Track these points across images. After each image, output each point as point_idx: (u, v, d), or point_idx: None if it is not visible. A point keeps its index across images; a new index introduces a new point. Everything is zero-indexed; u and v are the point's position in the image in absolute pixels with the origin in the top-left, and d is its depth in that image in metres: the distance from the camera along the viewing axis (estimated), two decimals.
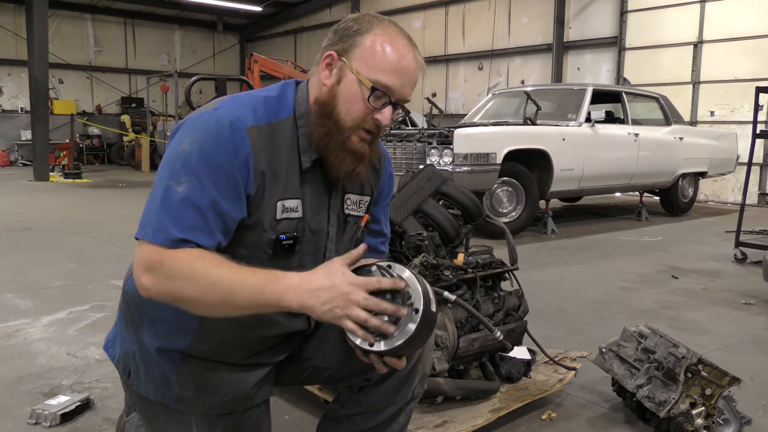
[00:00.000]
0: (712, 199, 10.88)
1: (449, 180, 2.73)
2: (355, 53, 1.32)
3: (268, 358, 1.45)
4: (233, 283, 1.18)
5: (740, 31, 10.36)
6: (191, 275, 1.18)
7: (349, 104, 1.32)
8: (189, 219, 1.21)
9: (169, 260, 1.19)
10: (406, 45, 1.34)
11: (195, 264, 1.19)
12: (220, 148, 1.24)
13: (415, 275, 1.27)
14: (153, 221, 1.21)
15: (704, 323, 3.60)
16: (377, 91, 1.31)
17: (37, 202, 8.78)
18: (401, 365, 1.28)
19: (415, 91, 1.40)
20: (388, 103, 1.33)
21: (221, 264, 1.20)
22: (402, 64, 1.32)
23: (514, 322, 2.44)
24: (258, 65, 11.64)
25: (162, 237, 1.20)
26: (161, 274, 1.19)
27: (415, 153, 6.36)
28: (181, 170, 1.23)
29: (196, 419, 1.36)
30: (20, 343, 3.06)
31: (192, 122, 1.30)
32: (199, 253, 1.21)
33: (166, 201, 1.21)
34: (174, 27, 20.34)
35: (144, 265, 1.20)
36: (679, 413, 2.04)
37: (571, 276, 4.77)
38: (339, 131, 1.33)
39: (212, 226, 1.23)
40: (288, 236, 1.35)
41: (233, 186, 1.25)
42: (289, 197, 1.35)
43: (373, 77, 1.30)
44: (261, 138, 1.30)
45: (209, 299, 1.19)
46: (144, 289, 1.21)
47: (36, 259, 4.97)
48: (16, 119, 17.17)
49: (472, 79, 14.65)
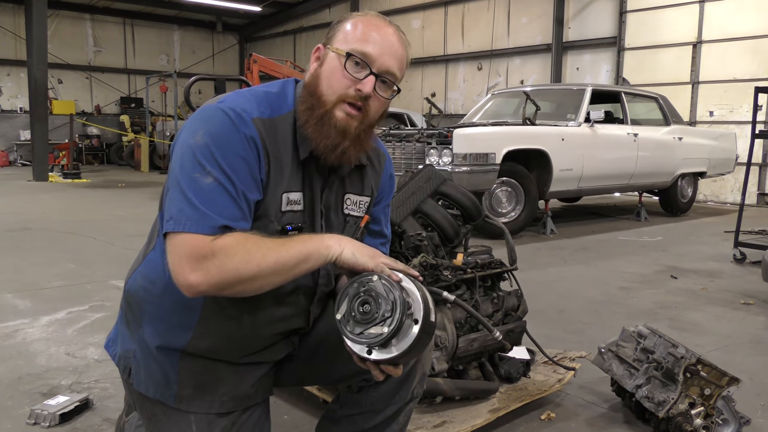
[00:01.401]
0: (711, 199, 10.89)
1: (448, 180, 2.73)
2: (336, 37, 1.36)
3: (267, 357, 1.45)
4: (279, 248, 1.23)
5: (739, 32, 10.37)
6: (245, 255, 1.20)
7: (330, 78, 1.34)
8: (226, 207, 1.23)
9: (221, 247, 1.19)
10: (385, 22, 1.38)
11: (244, 244, 1.21)
12: (234, 138, 1.26)
13: (416, 284, 1.26)
14: (191, 213, 1.21)
15: (703, 323, 3.60)
16: (353, 57, 1.32)
17: (36, 202, 8.77)
18: (397, 373, 1.28)
19: (414, 92, 1.41)
20: (369, 73, 1.33)
21: (258, 237, 1.24)
22: (379, 32, 1.35)
23: (513, 323, 2.44)
24: (257, 65, 11.61)
25: (206, 226, 1.20)
26: (215, 262, 1.18)
27: (415, 153, 6.36)
28: (203, 162, 1.24)
29: (195, 418, 1.36)
30: (19, 343, 3.05)
31: (199, 116, 1.31)
32: (239, 234, 1.23)
33: (199, 192, 1.22)
34: (173, 27, 20.33)
35: (192, 258, 1.19)
36: (678, 413, 2.05)
37: (571, 276, 4.77)
38: (321, 104, 1.34)
39: (245, 211, 1.26)
40: (294, 227, 1.37)
41: (251, 173, 1.28)
42: (293, 190, 1.36)
43: (349, 48, 1.33)
44: (265, 130, 1.31)
45: (265, 270, 1.21)
46: (192, 285, 1.19)
47: (35, 259, 4.97)
48: (15, 119, 17.15)
49: (472, 79, 14.65)
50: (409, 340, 1.21)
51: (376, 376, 1.28)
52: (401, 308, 1.21)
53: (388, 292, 1.23)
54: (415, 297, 1.24)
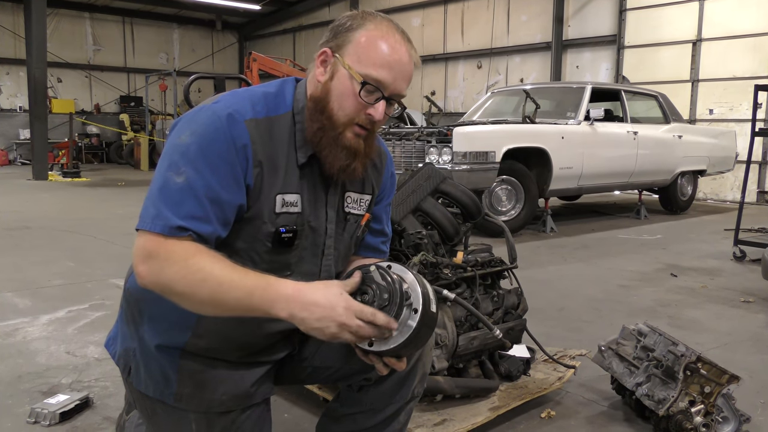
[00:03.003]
0: (711, 197, 10.89)
1: (448, 178, 2.73)
2: (347, 49, 1.32)
3: (267, 357, 1.45)
4: (224, 282, 1.18)
5: (739, 29, 10.36)
6: (183, 269, 1.18)
7: (342, 99, 1.32)
8: (187, 207, 1.21)
9: (166, 251, 1.19)
10: (398, 39, 1.34)
11: (190, 259, 1.19)
12: (219, 139, 1.25)
13: (415, 275, 1.26)
14: (151, 211, 1.22)
15: (703, 321, 3.60)
16: (368, 86, 1.31)
17: (35, 201, 8.77)
18: (401, 366, 1.28)
19: (414, 90, 1.41)
20: (381, 98, 1.33)
21: (215, 262, 1.20)
22: (393, 57, 1.32)
23: (514, 321, 2.44)
24: (257, 64, 11.61)
25: (160, 225, 1.20)
26: (156, 264, 1.20)
27: (414, 151, 6.36)
28: (179, 161, 1.24)
29: (195, 417, 1.36)
30: (19, 341, 3.05)
31: (190, 116, 1.31)
32: (197, 248, 1.21)
33: (165, 191, 1.22)
34: (173, 25, 20.31)
35: (141, 254, 1.21)
36: (678, 411, 2.05)
37: (570, 274, 4.77)
38: (332, 126, 1.33)
39: (210, 215, 1.24)
40: (287, 229, 1.35)
41: (232, 175, 1.26)
42: (289, 191, 1.35)
43: (364, 72, 1.30)
44: (259, 131, 1.30)
45: (198, 295, 1.20)
46: (140, 277, 1.22)
47: (35, 257, 4.97)
48: (14, 118, 17.14)
49: (471, 78, 14.65)
50: (409, 330, 1.21)
51: (380, 370, 1.28)
52: (399, 298, 1.21)
53: (386, 282, 1.23)
54: (414, 287, 1.24)
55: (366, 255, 1.59)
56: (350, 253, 1.55)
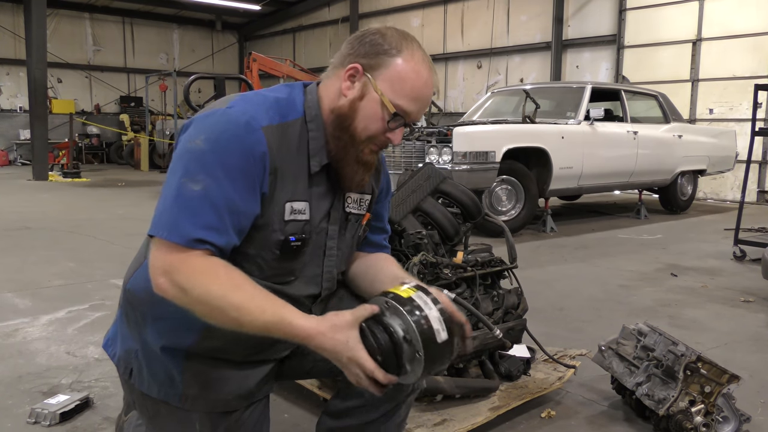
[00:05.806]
0: (711, 197, 10.89)
1: (448, 178, 2.73)
2: (381, 73, 1.32)
3: (272, 355, 1.45)
4: (242, 312, 1.18)
5: (739, 29, 10.35)
6: (204, 295, 1.18)
7: (368, 121, 1.33)
8: (205, 217, 1.20)
9: (186, 269, 1.18)
10: (428, 68, 1.35)
11: (211, 286, 1.18)
12: (236, 147, 1.23)
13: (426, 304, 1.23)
14: (168, 219, 1.20)
15: (703, 321, 3.60)
16: (398, 116, 1.33)
17: (36, 202, 8.77)
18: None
19: None
20: (402, 125, 1.36)
21: (236, 288, 1.19)
22: (423, 92, 1.35)
23: (514, 321, 2.44)
24: (257, 64, 11.60)
25: (178, 235, 1.19)
26: (176, 283, 1.19)
27: (414, 151, 6.36)
28: (196, 168, 1.22)
29: (199, 417, 1.36)
30: (19, 342, 3.06)
31: (204, 120, 1.28)
32: (216, 266, 1.20)
33: (182, 199, 1.21)
34: (172, 26, 20.31)
35: (161, 266, 1.20)
36: (678, 411, 2.05)
37: (570, 274, 4.77)
38: (353, 144, 1.35)
39: (228, 225, 1.23)
40: (297, 238, 1.35)
41: (250, 184, 1.25)
42: (298, 199, 1.34)
43: (396, 102, 1.32)
44: (275, 138, 1.29)
45: (216, 320, 1.21)
46: (159, 290, 1.21)
47: (35, 258, 4.97)
48: (14, 118, 17.14)
49: (471, 78, 14.65)
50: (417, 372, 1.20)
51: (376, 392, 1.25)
52: (395, 356, 1.19)
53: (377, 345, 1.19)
54: (414, 336, 1.18)
55: (368, 251, 1.60)
56: (352, 252, 1.56)
